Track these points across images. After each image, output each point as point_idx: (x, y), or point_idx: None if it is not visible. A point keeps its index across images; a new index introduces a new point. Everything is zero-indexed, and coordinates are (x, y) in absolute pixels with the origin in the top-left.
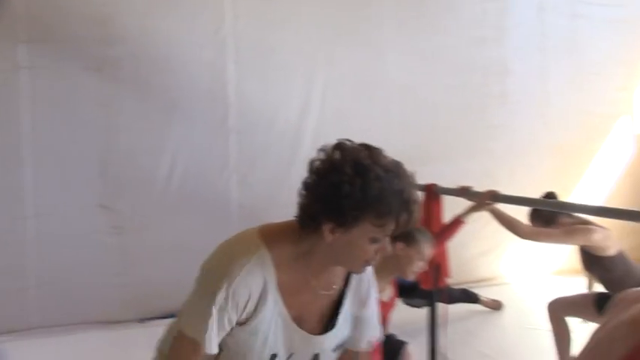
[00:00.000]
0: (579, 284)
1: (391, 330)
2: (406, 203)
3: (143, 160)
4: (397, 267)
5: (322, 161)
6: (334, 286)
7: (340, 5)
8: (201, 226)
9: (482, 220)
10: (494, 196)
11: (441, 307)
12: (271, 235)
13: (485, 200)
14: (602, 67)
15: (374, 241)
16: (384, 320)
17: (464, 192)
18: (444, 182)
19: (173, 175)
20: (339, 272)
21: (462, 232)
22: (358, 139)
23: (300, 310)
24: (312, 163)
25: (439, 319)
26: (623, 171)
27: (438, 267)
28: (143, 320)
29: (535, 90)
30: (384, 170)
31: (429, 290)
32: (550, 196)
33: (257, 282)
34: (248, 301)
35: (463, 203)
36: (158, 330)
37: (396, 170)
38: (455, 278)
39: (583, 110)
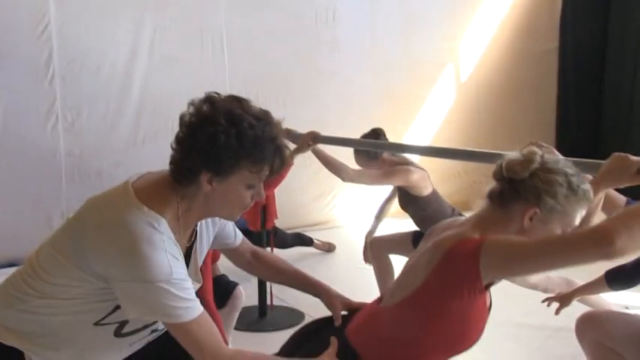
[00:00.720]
0: (406, 225)
1: (222, 271)
2: (279, 149)
3: None
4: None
5: (193, 115)
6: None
7: None
8: (27, 176)
9: (316, 165)
10: (315, 137)
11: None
12: (155, 200)
13: (307, 141)
14: (431, 17)
15: (250, 187)
16: (214, 260)
17: (287, 133)
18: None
19: None
20: None
21: (296, 176)
22: (187, 86)
23: None
24: (182, 117)
25: None
26: (446, 117)
27: (264, 208)
28: None
29: (365, 37)
30: (256, 119)
31: (258, 232)
32: (376, 132)
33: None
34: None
35: None
36: None
37: (266, 119)
38: (290, 222)
39: (412, 58)
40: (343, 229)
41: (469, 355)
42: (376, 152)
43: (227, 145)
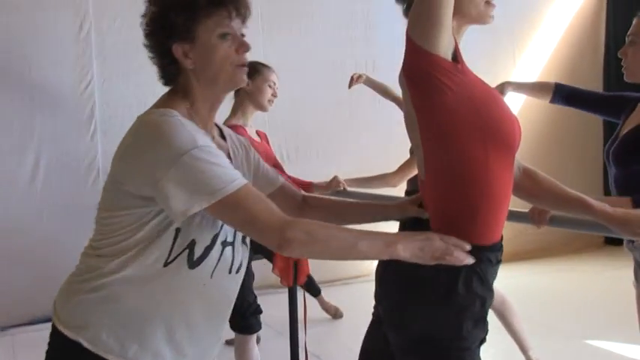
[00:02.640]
0: None
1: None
2: None
3: (5, 160)
4: (253, 103)
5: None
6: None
7: None
8: (66, 229)
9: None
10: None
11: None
12: (162, 106)
13: (335, 186)
14: (470, 63)
15: (224, 36)
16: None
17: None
18: (318, 179)
19: (36, 177)
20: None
21: None
22: None
23: None
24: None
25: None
26: None
27: (296, 264)
28: (5, 328)
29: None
30: None
31: (291, 287)
32: None
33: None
34: None
35: None
36: (21, 337)
37: None
38: (328, 275)
39: None
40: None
41: None
42: None
43: (175, 4)
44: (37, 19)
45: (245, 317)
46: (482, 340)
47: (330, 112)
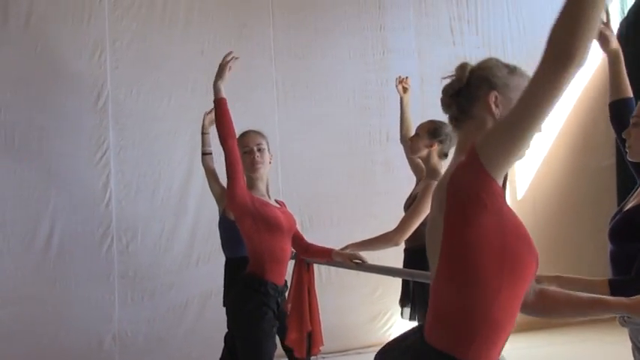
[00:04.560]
0: None
1: None
2: None
3: (18, 230)
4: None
5: None
6: None
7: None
8: (80, 298)
9: (370, 286)
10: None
11: None
12: None
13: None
14: None
15: None
16: None
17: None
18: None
19: (51, 245)
20: None
21: (349, 297)
22: None
23: None
24: None
25: None
26: None
27: (310, 335)
28: None
29: None
30: None
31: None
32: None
33: None
34: None
35: None
36: None
37: None
38: (343, 344)
39: None
40: None
41: None
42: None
43: None
44: (55, 89)
45: None
46: None
47: (344, 181)
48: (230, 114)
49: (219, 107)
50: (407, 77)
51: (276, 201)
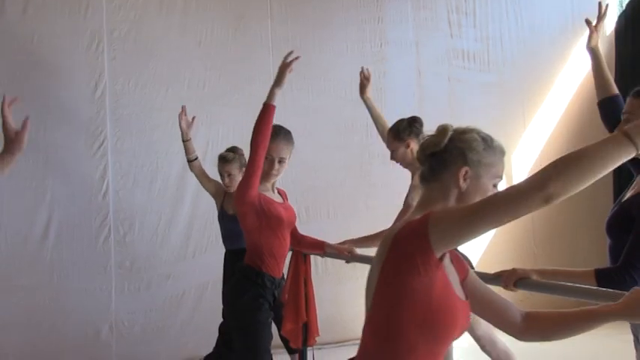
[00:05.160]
0: None
1: None
2: None
3: (16, 219)
4: None
5: None
6: None
7: (221, 63)
8: (77, 289)
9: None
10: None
11: None
12: None
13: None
14: (480, 128)
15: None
16: None
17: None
18: (326, 239)
19: (48, 235)
20: None
21: (346, 289)
22: None
23: None
24: None
25: None
26: (499, 229)
27: (306, 326)
28: None
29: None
30: None
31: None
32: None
33: None
34: None
35: None
36: None
37: None
38: (340, 335)
39: None
40: None
41: None
42: (404, 136)
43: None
44: (52, 79)
45: None
46: None
47: (341, 173)
48: (272, 123)
49: (267, 114)
50: (367, 69)
51: (278, 191)
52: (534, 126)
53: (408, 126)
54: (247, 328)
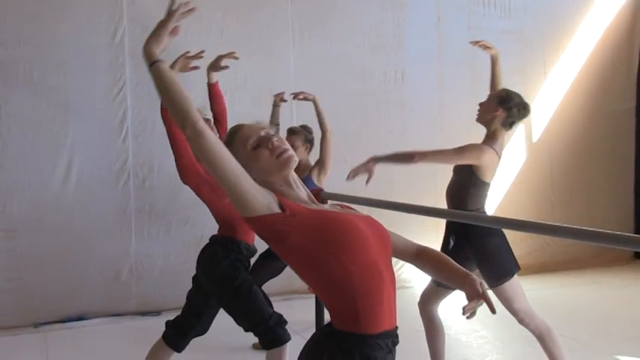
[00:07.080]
0: None
1: None
2: None
3: (38, 163)
4: None
5: None
6: None
7: (239, 11)
8: (97, 231)
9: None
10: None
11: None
12: None
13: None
14: None
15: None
16: None
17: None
18: (343, 186)
19: (69, 179)
20: None
21: None
22: None
23: None
24: None
25: None
26: (517, 177)
27: None
28: (38, 325)
29: (432, 97)
30: None
31: None
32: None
33: None
34: None
35: None
36: (53, 334)
37: None
38: None
39: None
40: (412, 289)
41: None
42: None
43: None
44: (72, 25)
45: (270, 330)
46: None
47: (359, 120)
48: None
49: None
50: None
51: None
52: (555, 75)
53: (516, 101)
54: (237, 289)
